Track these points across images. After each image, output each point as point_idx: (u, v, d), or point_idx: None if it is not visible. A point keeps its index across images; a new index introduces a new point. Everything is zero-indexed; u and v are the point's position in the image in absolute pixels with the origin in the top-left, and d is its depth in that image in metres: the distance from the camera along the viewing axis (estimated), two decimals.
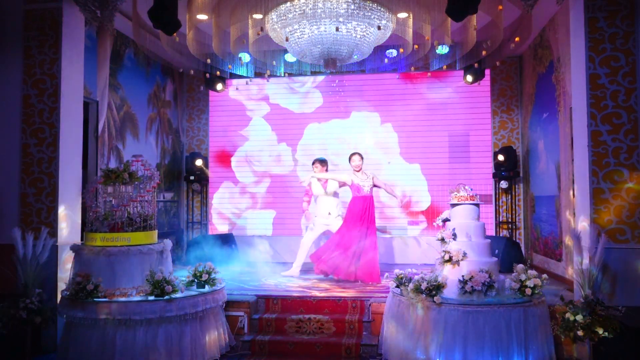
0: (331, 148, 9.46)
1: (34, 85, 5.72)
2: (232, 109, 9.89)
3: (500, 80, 9.27)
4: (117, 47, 7.71)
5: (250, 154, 9.79)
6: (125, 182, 5.22)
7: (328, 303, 5.90)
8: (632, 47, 5.14)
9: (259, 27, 6.08)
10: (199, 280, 5.35)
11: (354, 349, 5.34)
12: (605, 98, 5.15)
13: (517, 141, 9.15)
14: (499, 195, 9.13)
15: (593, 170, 5.14)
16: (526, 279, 4.84)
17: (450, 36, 6.36)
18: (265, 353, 5.44)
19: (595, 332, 4.47)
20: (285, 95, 9.77)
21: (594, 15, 5.21)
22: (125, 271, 5.01)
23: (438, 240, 5.26)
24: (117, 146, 7.65)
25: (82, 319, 4.76)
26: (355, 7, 5.61)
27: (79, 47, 6.05)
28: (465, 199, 5.29)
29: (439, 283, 4.84)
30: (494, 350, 4.59)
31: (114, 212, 5.15)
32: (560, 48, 6.92)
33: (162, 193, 9.01)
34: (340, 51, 5.99)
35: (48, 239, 5.36)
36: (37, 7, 5.77)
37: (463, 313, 4.67)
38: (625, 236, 5.05)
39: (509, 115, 9.23)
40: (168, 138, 9.34)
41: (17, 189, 5.66)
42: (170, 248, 5.41)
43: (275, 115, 9.77)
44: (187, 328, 4.94)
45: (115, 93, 7.62)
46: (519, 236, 9.00)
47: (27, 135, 5.70)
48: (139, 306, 4.77)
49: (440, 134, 9.30)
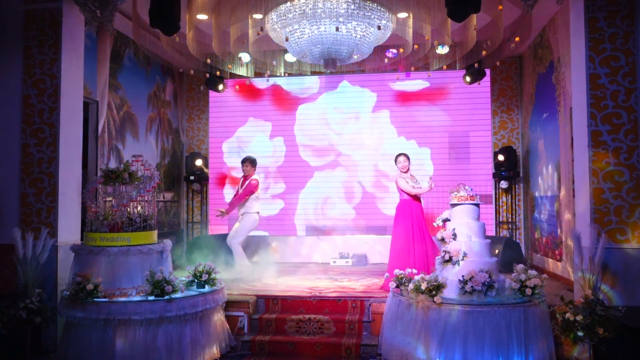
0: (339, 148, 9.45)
1: (34, 85, 5.72)
2: (232, 109, 9.90)
3: (500, 80, 9.27)
4: (117, 47, 7.71)
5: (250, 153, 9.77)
6: (125, 182, 5.21)
7: (328, 303, 5.90)
8: (632, 47, 5.14)
9: (259, 27, 6.09)
10: (199, 280, 5.34)
11: (354, 349, 5.34)
12: (605, 98, 5.15)
13: (517, 141, 9.16)
14: (499, 195, 9.13)
15: (593, 170, 5.13)
16: (526, 279, 4.84)
17: (450, 36, 6.36)
18: (265, 353, 5.44)
19: (595, 332, 4.47)
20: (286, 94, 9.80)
21: (594, 15, 5.21)
22: (125, 271, 5.01)
23: (438, 240, 5.26)
24: (117, 146, 7.65)
25: (82, 319, 4.75)
26: (355, 7, 5.62)
27: (79, 47, 6.04)
28: (465, 199, 5.29)
29: (439, 283, 4.83)
30: (494, 350, 4.58)
31: (114, 212, 5.15)
32: (560, 48, 6.92)
33: (162, 193, 9.01)
34: (340, 51, 5.99)
35: (48, 239, 5.36)
36: (37, 7, 5.77)
37: (463, 313, 4.66)
38: (625, 236, 5.05)
39: (509, 115, 9.23)
40: (168, 138, 9.34)
41: (17, 189, 5.66)
42: (170, 248, 5.41)
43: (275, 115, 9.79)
44: (187, 328, 4.93)
45: (115, 93, 7.62)
46: (519, 236, 9.01)
47: (27, 135, 5.69)
48: (139, 306, 4.77)
49: (440, 134, 9.31)
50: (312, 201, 9.55)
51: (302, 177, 9.65)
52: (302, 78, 9.44)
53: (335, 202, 9.51)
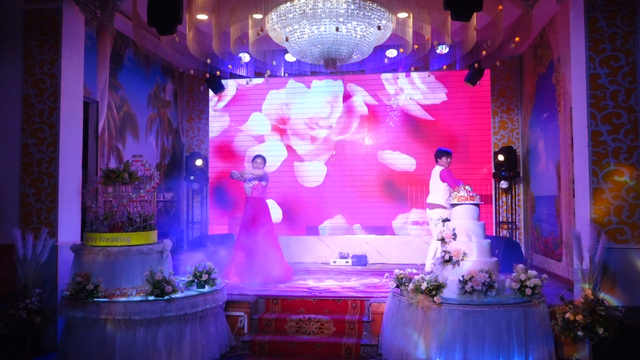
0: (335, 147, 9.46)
1: (34, 85, 5.72)
2: (232, 109, 9.89)
3: (500, 80, 9.26)
4: (117, 47, 7.71)
5: (251, 153, 9.78)
6: (125, 182, 5.21)
7: (328, 303, 5.90)
8: (632, 47, 5.14)
9: (259, 27, 6.08)
10: (199, 281, 5.34)
11: (354, 349, 5.34)
12: (605, 98, 5.15)
13: (517, 141, 9.15)
14: (499, 195, 9.12)
15: (593, 170, 5.13)
16: (526, 279, 4.84)
17: (450, 36, 6.36)
18: (265, 353, 5.44)
19: (595, 332, 4.47)
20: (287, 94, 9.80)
21: (594, 15, 5.21)
22: (125, 271, 5.01)
23: (438, 240, 5.26)
24: (117, 146, 7.65)
25: (82, 319, 4.75)
26: (355, 7, 5.61)
27: (79, 47, 6.04)
28: (465, 199, 5.29)
29: (439, 283, 4.83)
30: (494, 350, 4.58)
31: (113, 212, 5.15)
32: (560, 48, 6.92)
33: (162, 193, 9.01)
34: (340, 51, 5.99)
35: (48, 239, 5.36)
36: (37, 7, 5.77)
37: (463, 313, 4.66)
38: (625, 236, 5.05)
39: (509, 115, 9.23)
40: (168, 138, 9.34)
41: (17, 189, 5.66)
42: (170, 248, 5.41)
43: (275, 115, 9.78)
44: (187, 328, 4.93)
45: (115, 93, 7.61)
46: (519, 236, 9.00)
47: (27, 135, 5.69)
48: (139, 306, 4.77)
49: (440, 134, 9.30)
50: (312, 201, 9.55)
51: (303, 177, 9.64)
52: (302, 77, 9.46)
53: (336, 202, 9.52)
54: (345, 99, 9.65)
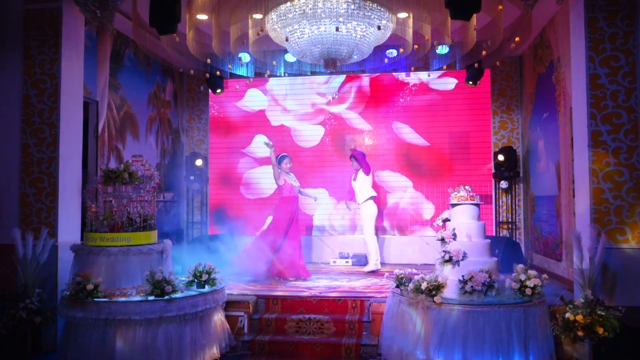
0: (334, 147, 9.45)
1: (34, 85, 5.72)
2: (232, 108, 9.89)
3: (500, 80, 9.26)
4: (117, 47, 7.71)
5: (250, 152, 9.79)
6: (125, 182, 5.21)
7: (328, 303, 5.90)
8: (632, 47, 5.14)
9: (259, 27, 6.08)
10: (199, 281, 5.34)
11: (354, 349, 5.34)
12: (605, 98, 5.15)
13: (517, 141, 9.15)
14: (499, 195, 9.12)
15: (593, 170, 5.13)
16: (526, 279, 4.84)
17: (450, 36, 6.35)
18: (265, 353, 5.44)
19: (595, 332, 4.47)
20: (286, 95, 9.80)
21: (594, 15, 5.21)
22: (125, 271, 5.01)
23: (438, 240, 5.25)
24: (117, 146, 7.65)
25: (82, 319, 4.74)
26: (355, 7, 5.61)
27: (79, 47, 6.04)
28: (465, 199, 5.29)
29: (439, 283, 4.83)
30: (494, 350, 4.58)
31: (113, 212, 5.15)
32: (560, 48, 6.92)
33: (162, 193, 9.01)
34: (340, 51, 5.99)
35: (48, 239, 5.36)
36: (37, 7, 5.77)
37: (463, 313, 4.66)
38: (625, 236, 5.05)
39: (509, 115, 9.23)
40: (168, 138, 9.34)
41: (17, 189, 5.66)
42: (170, 248, 5.41)
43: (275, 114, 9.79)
44: (187, 328, 4.93)
45: (115, 93, 7.61)
46: (519, 236, 9.00)
47: (27, 135, 5.69)
48: (139, 306, 4.76)
49: (440, 134, 9.31)
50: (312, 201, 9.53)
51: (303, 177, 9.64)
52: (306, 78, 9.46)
53: (336, 202, 9.51)
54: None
